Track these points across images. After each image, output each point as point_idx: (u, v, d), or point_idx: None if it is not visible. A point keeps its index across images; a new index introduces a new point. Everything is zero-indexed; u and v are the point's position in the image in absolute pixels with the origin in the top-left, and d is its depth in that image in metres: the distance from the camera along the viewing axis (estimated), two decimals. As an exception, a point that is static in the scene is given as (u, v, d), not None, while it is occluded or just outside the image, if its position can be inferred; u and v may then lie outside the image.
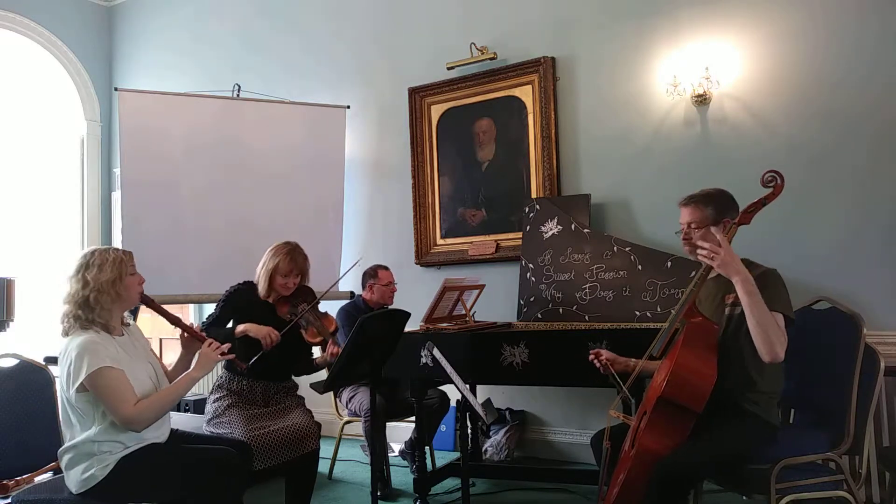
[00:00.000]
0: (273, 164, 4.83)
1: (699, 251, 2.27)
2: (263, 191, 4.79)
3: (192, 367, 2.43)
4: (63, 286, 2.32)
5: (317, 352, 3.20)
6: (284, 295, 3.02)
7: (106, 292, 2.27)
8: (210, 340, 2.46)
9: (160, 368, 2.49)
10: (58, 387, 2.31)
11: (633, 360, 2.55)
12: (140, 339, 2.50)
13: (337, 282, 3.19)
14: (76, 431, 2.27)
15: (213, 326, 2.98)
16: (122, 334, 2.39)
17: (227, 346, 2.47)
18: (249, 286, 3.08)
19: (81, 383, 2.18)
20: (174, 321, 2.51)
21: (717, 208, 2.39)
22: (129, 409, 2.20)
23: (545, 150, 4.26)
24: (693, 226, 2.41)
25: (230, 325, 3.00)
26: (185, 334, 2.54)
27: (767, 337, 2.15)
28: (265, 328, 2.86)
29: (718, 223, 2.37)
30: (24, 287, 4.79)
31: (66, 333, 2.29)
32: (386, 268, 4.08)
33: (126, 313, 2.48)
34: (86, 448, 2.24)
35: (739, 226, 2.30)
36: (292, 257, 2.99)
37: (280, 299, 3.03)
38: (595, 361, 2.53)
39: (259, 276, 3.04)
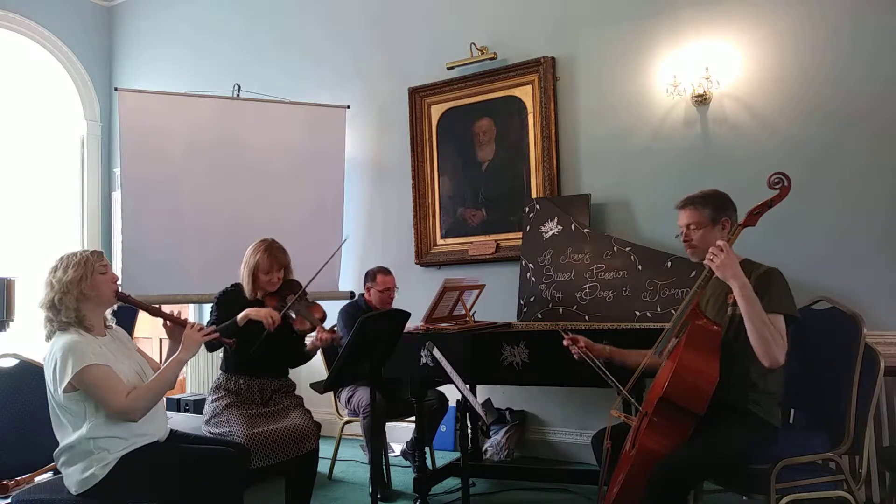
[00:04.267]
0: (273, 164, 4.83)
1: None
2: (263, 191, 4.79)
3: (178, 351, 2.44)
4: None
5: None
6: (271, 291, 3.03)
7: (69, 292, 2.27)
8: (192, 323, 2.48)
9: (147, 366, 2.48)
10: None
11: (608, 347, 2.62)
12: (125, 340, 2.49)
13: (321, 269, 3.13)
14: (68, 432, 2.26)
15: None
16: (105, 335, 2.39)
17: (212, 328, 2.51)
18: (238, 287, 3.10)
19: (69, 383, 2.18)
20: (155, 312, 2.50)
21: (715, 208, 2.41)
22: (122, 400, 2.21)
23: (545, 150, 4.26)
24: (692, 227, 2.43)
25: (235, 317, 2.97)
26: (168, 322, 2.53)
27: (766, 343, 2.15)
28: (265, 309, 2.88)
29: (717, 223, 2.40)
30: (24, 287, 4.79)
31: (48, 337, 2.30)
32: (387, 272, 3.99)
33: (109, 315, 2.47)
34: (82, 447, 2.24)
35: (745, 227, 2.30)
36: (270, 253, 2.99)
37: (267, 295, 3.03)
38: (572, 348, 2.54)
39: (242, 276, 3.06)
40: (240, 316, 2.89)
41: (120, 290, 2.42)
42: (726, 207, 2.42)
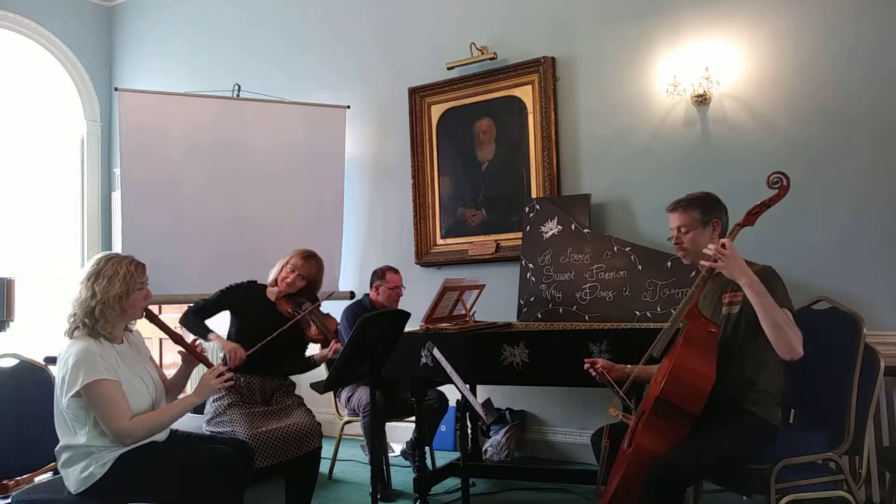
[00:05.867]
0: (273, 164, 4.83)
1: (704, 252, 2.27)
2: (263, 191, 4.79)
3: (193, 390, 2.43)
4: (74, 288, 2.31)
5: (313, 352, 3.26)
6: (285, 292, 3.09)
7: (111, 307, 2.26)
8: (215, 367, 2.46)
9: (158, 378, 2.48)
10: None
11: (629, 366, 2.55)
12: (140, 347, 2.49)
13: (329, 295, 3.28)
14: (70, 433, 2.26)
15: (198, 315, 3.08)
16: (123, 342, 2.38)
17: (230, 375, 2.47)
18: (252, 285, 3.14)
19: (77, 392, 2.17)
20: (177, 339, 2.51)
21: (704, 210, 2.42)
22: (124, 423, 2.19)
23: (545, 150, 4.26)
24: (683, 230, 2.44)
25: (213, 331, 3.08)
26: (186, 352, 2.54)
27: (785, 335, 2.14)
28: (231, 344, 2.94)
29: (707, 224, 2.41)
30: (24, 287, 4.79)
31: (70, 335, 2.29)
32: (395, 270, 4.05)
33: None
34: (83, 449, 2.24)
35: (743, 227, 2.29)
36: (305, 259, 3.13)
37: (282, 297, 3.07)
38: (591, 370, 2.53)
39: (274, 268, 3.17)
40: (212, 335, 2.99)
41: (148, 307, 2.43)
42: (716, 209, 2.43)
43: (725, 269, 2.20)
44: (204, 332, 2.99)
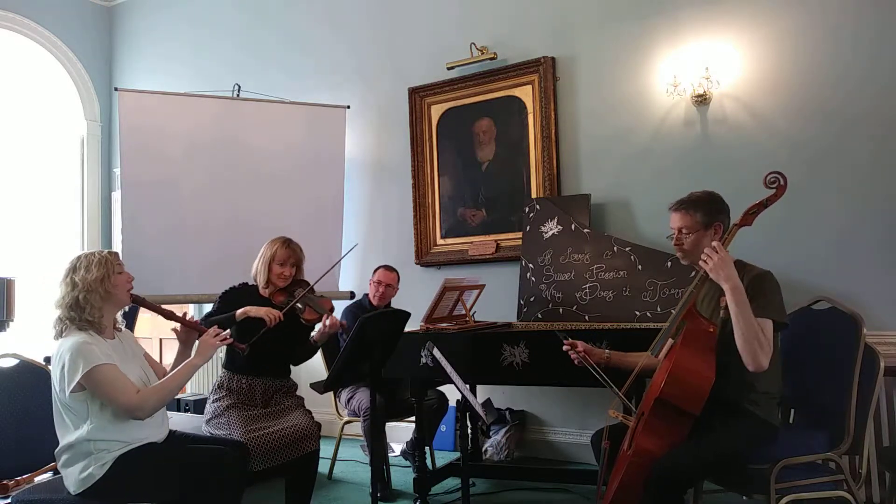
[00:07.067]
0: (273, 164, 4.83)
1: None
2: (263, 191, 4.79)
3: (192, 355, 2.44)
4: (56, 291, 2.34)
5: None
6: (280, 286, 3.09)
7: (95, 291, 2.29)
8: (211, 329, 2.48)
9: (152, 374, 2.49)
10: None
11: (607, 351, 2.59)
12: (132, 345, 2.50)
13: (335, 265, 3.20)
14: (69, 431, 2.27)
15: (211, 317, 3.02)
16: (114, 338, 2.40)
17: (226, 332, 2.49)
18: (245, 286, 3.13)
19: (78, 383, 2.19)
20: (168, 315, 2.52)
21: (707, 213, 2.39)
22: (132, 398, 2.23)
23: (545, 150, 4.26)
24: (684, 231, 2.42)
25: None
26: (181, 326, 2.55)
27: (751, 348, 2.15)
28: (264, 308, 2.91)
29: (709, 227, 2.38)
30: (24, 287, 4.79)
31: (59, 336, 2.31)
32: (390, 269, 4.05)
33: (119, 317, 2.48)
34: (82, 448, 2.25)
35: (741, 227, 2.29)
36: (288, 246, 3.11)
37: (276, 291, 3.08)
38: (571, 353, 2.54)
39: (257, 269, 3.11)
40: (239, 311, 2.92)
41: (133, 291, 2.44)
42: (719, 211, 2.40)
43: (712, 271, 2.20)
44: (230, 317, 2.92)
